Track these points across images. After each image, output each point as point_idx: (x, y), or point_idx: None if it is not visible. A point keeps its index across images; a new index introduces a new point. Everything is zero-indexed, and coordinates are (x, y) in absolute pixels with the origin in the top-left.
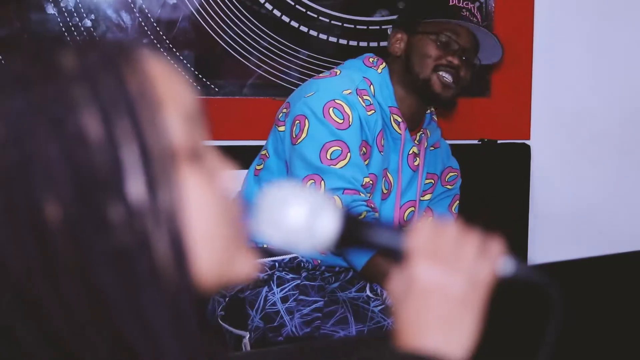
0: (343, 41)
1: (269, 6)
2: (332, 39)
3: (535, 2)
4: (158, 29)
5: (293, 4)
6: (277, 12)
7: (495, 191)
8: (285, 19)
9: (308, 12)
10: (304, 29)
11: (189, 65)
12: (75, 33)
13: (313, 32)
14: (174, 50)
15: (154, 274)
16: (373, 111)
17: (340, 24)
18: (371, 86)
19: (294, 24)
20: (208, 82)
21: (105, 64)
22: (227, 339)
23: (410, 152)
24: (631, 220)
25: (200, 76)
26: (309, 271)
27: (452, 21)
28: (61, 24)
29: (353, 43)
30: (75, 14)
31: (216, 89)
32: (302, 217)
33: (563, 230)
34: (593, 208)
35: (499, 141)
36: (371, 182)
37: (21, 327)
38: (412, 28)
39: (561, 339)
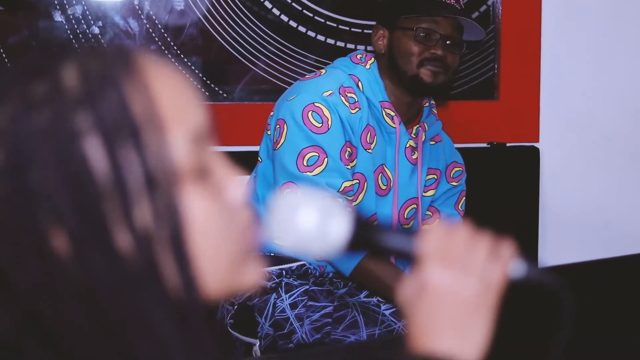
0: (351, 45)
1: (276, 11)
2: (340, 44)
3: (543, 5)
4: (166, 35)
5: (300, 9)
6: (284, 17)
7: (504, 194)
8: (293, 23)
9: (315, 17)
10: (311, 33)
11: (196, 71)
12: (83, 40)
13: (320, 37)
14: (182, 56)
15: (162, 295)
16: (358, 109)
17: (347, 28)
18: (359, 83)
19: (302, 28)
20: (216, 88)
21: (109, 83)
22: (238, 346)
23: (407, 145)
24: None
25: (208, 82)
26: (316, 278)
27: (427, 12)
28: (69, 31)
29: (360, 47)
30: (82, 21)
31: (224, 95)
32: (313, 222)
33: (573, 232)
34: (603, 210)
35: (507, 144)
36: (357, 181)
37: (34, 348)
38: (391, 24)
39: (572, 341)
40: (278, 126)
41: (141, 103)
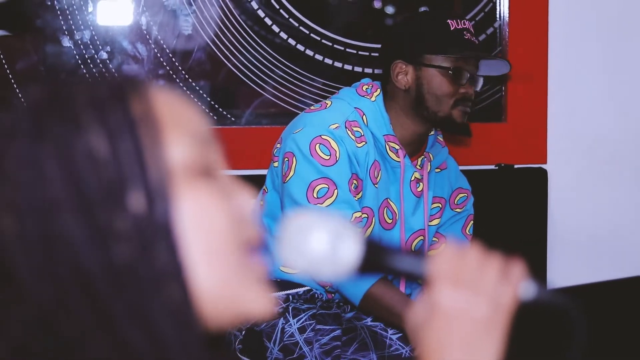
0: (358, 69)
1: (283, 35)
2: (347, 67)
3: (550, 27)
4: (174, 59)
5: (307, 32)
6: (291, 41)
7: (512, 216)
8: (300, 47)
9: (322, 40)
10: (319, 57)
11: (204, 95)
12: (91, 65)
13: (328, 60)
14: (190, 80)
15: (155, 283)
16: (364, 143)
17: (355, 51)
18: (363, 117)
19: (309, 52)
20: (224, 112)
21: (113, 94)
22: None
23: (412, 178)
24: None
25: (216, 106)
26: (323, 302)
27: (461, 55)
28: (77, 56)
29: (368, 70)
30: (91, 46)
31: (232, 119)
32: (324, 244)
33: (581, 253)
34: (611, 231)
35: (515, 166)
36: (366, 215)
37: (37, 341)
38: (416, 60)
39: None
40: (286, 159)
41: (141, 108)
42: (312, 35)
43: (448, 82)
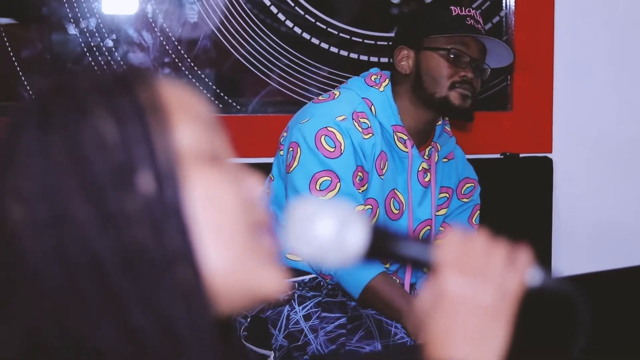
0: (364, 57)
1: (289, 23)
2: (353, 55)
3: (556, 15)
4: (179, 47)
5: (314, 20)
6: (297, 30)
7: (517, 205)
8: (306, 36)
9: (329, 29)
10: (324, 45)
11: (210, 83)
12: (96, 53)
13: (334, 49)
14: (196, 68)
15: (166, 265)
16: (371, 134)
17: (361, 40)
18: (372, 107)
19: (315, 40)
20: (230, 100)
21: (119, 82)
22: (252, 358)
23: (420, 168)
24: None
25: (222, 94)
26: (329, 290)
27: (461, 35)
28: (83, 44)
29: (374, 59)
30: (96, 34)
31: (238, 107)
32: (331, 231)
33: (586, 242)
34: (617, 220)
35: (521, 155)
36: (370, 207)
37: (48, 326)
38: (417, 44)
39: (587, 350)
40: (291, 149)
41: (146, 95)
42: (317, 23)
43: (446, 64)
